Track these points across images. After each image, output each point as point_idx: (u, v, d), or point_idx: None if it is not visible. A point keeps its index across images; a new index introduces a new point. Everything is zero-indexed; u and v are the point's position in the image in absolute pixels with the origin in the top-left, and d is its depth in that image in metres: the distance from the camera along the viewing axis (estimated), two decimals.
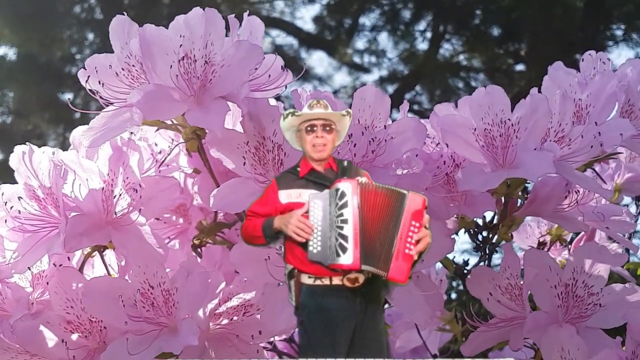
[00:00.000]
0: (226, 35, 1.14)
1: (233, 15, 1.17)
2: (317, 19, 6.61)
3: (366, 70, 6.63)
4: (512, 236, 1.38)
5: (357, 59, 6.70)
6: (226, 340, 1.14)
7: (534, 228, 1.57)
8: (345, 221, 0.86)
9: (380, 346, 0.89)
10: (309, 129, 0.91)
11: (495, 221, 1.37)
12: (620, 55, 5.98)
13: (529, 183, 1.31)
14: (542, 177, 1.19)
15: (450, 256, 1.41)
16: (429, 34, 6.51)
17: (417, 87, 6.55)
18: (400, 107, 1.29)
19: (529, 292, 1.21)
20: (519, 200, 1.36)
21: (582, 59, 1.39)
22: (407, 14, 6.62)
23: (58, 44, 6.37)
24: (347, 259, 0.85)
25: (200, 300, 1.10)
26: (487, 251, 1.41)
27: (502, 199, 1.32)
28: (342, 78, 6.39)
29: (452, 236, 1.25)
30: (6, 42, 6.28)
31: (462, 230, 1.40)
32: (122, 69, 1.14)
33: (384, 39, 7.35)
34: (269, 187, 0.92)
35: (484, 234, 1.40)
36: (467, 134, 1.20)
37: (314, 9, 6.53)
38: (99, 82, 1.14)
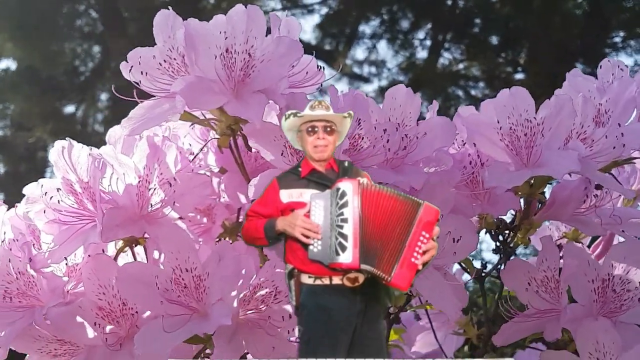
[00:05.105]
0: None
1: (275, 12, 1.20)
2: (316, 30, 6.65)
3: (366, 80, 6.67)
4: (529, 240, 1.40)
5: (356, 69, 6.74)
6: (255, 325, 1.15)
7: (553, 231, 1.58)
8: (345, 220, 0.86)
9: (380, 346, 0.89)
10: (310, 129, 0.91)
11: (516, 222, 1.38)
12: None
13: (550, 183, 1.32)
14: (567, 174, 1.21)
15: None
16: (428, 43, 6.56)
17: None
18: (429, 107, 1.32)
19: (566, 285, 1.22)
20: (538, 205, 1.37)
21: (600, 66, 1.41)
22: (406, 23, 6.67)
23: (60, 56, 6.39)
24: (346, 257, 0.85)
25: (232, 283, 1.10)
26: (506, 254, 1.42)
27: (523, 200, 1.33)
28: (341, 88, 6.37)
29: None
30: (8, 55, 6.30)
31: (484, 231, 1.41)
32: (164, 60, 1.16)
33: (383, 49, 7.39)
34: (269, 187, 0.91)
35: (505, 234, 1.41)
36: (492, 133, 1.21)
37: (313, 19, 6.57)
38: (142, 72, 1.16)
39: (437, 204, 1.15)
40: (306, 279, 0.88)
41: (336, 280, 0.87)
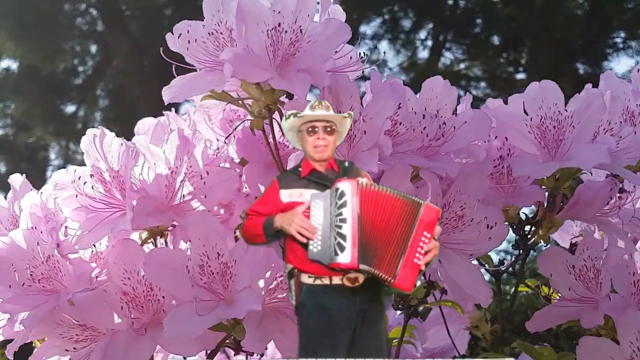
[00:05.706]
0: None
1: None
2: None
3: (367, 79, 6.66)
4: (549, 238, 1.39)
5: None
6: (282, 313, 1.14)
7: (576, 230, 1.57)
8: (344, 220, 0.86)
9: (380, 346, 0.88)
10: (310, 130, 0.91)
11: (538, 217, 1.38)
12: (619, 63, 6.05)
13: (575, 179, 1.32)
14: (595, 167, 1.21)
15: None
16: (429, 43, 6.59)
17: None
18: (461, 100, 1.32)
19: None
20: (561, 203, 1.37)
21: (638, 70, 1.41)
22: (407, 23, 6.69)
23: (61, 55, 6.39)
24: (345, 257, 0.85)
25: (260, 270, 1.11)
26: (525, 249, 1.41)
27: (548, 194, 1.33)
28: None
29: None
30: (9, 54, 6.30)
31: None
32: (211, 33, 1.16)
33: (384, 48, 7.43)
34: (270, 187, 0.91)
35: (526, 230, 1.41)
36: (520, 125, 1.21)
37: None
38: (189, 41, 1.16)
39: (472, 190, 1.18)
40: (306, 279, 0.88)
41: (336, 280, 0.87)
